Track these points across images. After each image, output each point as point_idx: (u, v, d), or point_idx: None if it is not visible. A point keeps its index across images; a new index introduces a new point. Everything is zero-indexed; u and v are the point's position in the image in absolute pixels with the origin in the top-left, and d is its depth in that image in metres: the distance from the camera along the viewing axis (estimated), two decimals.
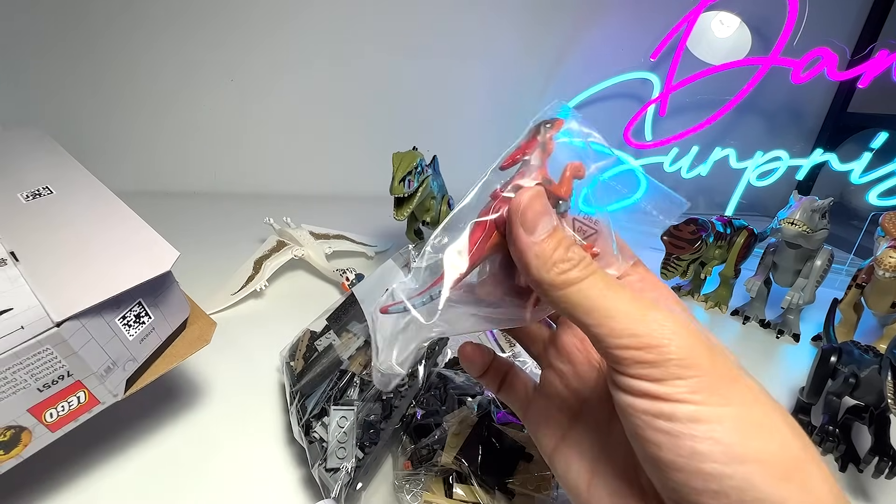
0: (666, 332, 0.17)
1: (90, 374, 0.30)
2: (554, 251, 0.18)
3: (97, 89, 0.96)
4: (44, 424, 0.29)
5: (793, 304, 0.60)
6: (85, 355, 0.29)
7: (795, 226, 0.54)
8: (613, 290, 0.18)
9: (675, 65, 0.94)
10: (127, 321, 0.32)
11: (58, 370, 0.28)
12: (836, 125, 1.10)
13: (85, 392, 0.30)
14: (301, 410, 0.38)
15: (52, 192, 0.38)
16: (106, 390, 0.31)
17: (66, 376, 0.29)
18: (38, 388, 0.28)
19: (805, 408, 0.44)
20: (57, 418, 0.29)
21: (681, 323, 0.17)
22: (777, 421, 0.16)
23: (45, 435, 0.29)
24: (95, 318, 0.30)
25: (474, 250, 0.20)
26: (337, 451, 0.35)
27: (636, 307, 0.17)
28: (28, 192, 0.38)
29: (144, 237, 0.35)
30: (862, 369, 0.39)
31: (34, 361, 0.27)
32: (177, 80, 0.98)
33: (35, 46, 0.91)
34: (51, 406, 0.29)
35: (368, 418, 0.37)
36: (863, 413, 0.41)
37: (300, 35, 0.97)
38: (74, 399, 0.30)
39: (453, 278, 0.20)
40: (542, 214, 0.19)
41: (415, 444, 0.36)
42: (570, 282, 0.18)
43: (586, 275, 0.18)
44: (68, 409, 0.30)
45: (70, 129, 0.98)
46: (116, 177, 1.06)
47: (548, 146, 0.21)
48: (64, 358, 0.28)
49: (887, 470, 0.36)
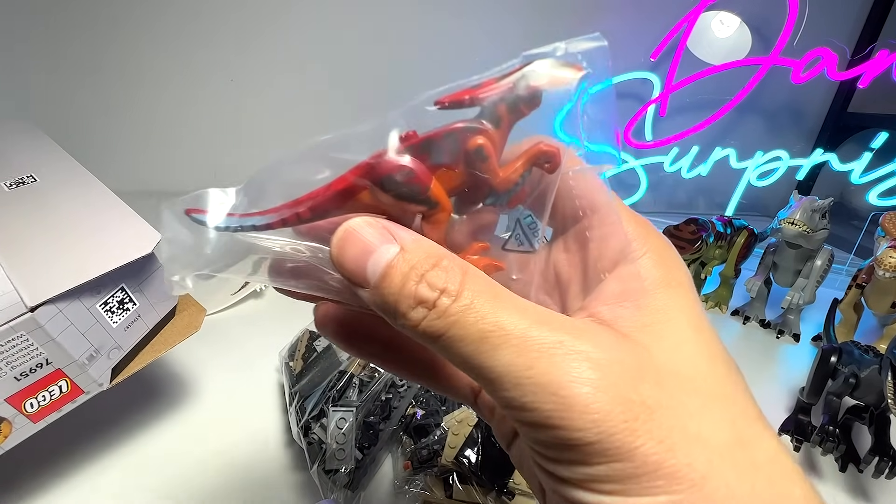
0: (580, 391, 0.12)
1: (71, 362, 0.29)
2: (399, 294, 0.13)
3: (97, 89, 0.96)
4: (24, 415, 0.28)
5: (793, 304, 0.60)
6: (64, 342, 0.28)
7: (796, 226, 0.54)
8: (493, 336, 0.12)
9: (676, 65, 0.94)
10: (110, 307, 0.31)
11: (35, 358, 0.27)
12: (837, 125, 1.10)
13: (67, 381, 0.29)
14: (300, 411, 0.38)
15: (35, 179, 0.37)
16: (90, 379, 0.30)
17: (45, 364, 0.28)
18: (14, 376, 0.27)
19: (805, 408, 0.44)
20: (38, 408, 0.28)
21: (616, 365, 0.12)
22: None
23: (26, 426, 0.28)
24: (74, 304, 0.29)
25: (324, 197, 0.14)
26: (336, 453, 0.35)
27: (530, 356, 0.12)
28: (12, 181, 0.37)
29: (128, 223, 0.34)
30: (862, 369, 0.39)
31: (9, 349, 0.26)
32: (177, 79, 0.98)
33: (35, 46, 0.91)
34: (30, 395, 0.28)
35: (367, 419, 0.37)
36: (863, 413, 0.41)
37: (300, 35, 0.97)
38: (56, 388, 0.29)
39: (283, 217, 0.15)
40: (365, 254, 0.13)
41: (415, 445, 0.36)
42: (434, 333, 0.13)
43: (449, 321, 0.13)
44: (50, 398, 0.29)
45: (70, 129, 0.98)
46: (116, 176, 1.06)
47: (532, 98, 0.13)
48: (41, 345, 0.27)
49: (887, 470, 0.36)
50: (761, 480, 0.12)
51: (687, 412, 0.12)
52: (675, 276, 0.15)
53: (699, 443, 0.12)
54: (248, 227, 0.15)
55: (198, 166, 1.06)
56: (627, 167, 1.06)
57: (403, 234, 0.14)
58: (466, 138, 0.14)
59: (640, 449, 0.11)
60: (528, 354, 0.12)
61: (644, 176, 1.06)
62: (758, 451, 0.12)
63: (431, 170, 0.14)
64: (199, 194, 0.15)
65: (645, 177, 1.06)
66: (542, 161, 0.14)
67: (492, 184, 0.14)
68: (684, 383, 0.13)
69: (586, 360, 0.12)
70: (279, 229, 0.15)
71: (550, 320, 0.13)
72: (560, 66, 0.13)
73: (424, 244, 0.14)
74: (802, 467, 0.41)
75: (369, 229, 0.14)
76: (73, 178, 0.39)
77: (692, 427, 0.12)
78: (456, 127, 0.14)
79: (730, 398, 0.13)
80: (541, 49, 0.14)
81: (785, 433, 0.42)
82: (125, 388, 0.33)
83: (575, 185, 0.16)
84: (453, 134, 0.14)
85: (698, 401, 0.13)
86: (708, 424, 0.12)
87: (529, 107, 0.14)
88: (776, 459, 0.13)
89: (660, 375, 0.13)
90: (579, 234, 0.16)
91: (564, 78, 0.13)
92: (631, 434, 0.12)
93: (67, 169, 0.40)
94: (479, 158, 0.14)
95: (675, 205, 1.19)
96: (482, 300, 0.13)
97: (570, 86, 0.13)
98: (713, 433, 0.12)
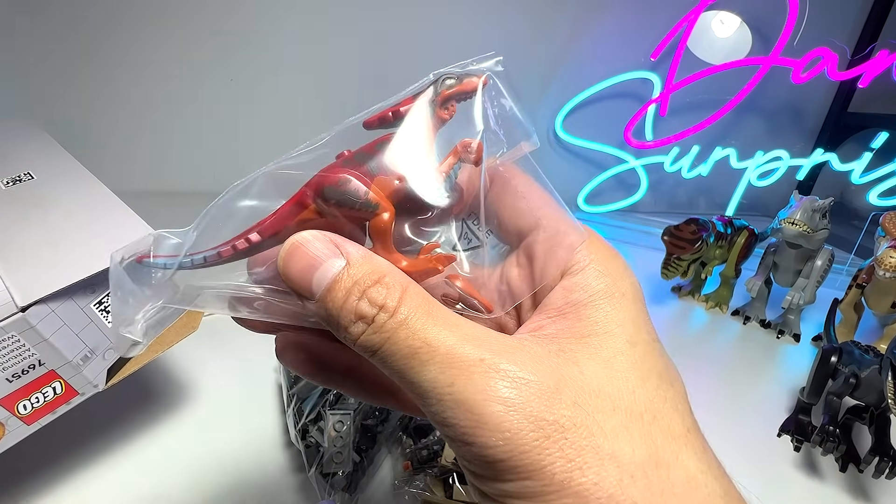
0: (494, 409, 0.12)
1: (65, 363, 0.28)
2: (341, 308, 0.13)
3: (97, 89, 0.96)
4: (17, 417, 0.28)
5: (793, 304, 0.60)
6: (57, 343, 0.28)
7: (796, 226, 0.54)
8: (421, 352, 0.13)
9: (676, 64, 0.94)
10: (105, 307, 0.30)
11: (27, 359, 0.27)
12: (837, 125, 1.10)
13: (61, 382, 0.29)
14: (297, 414, 0.38)
15: (32, 177, 0.37)
16: (85, 380, 0.29)
17: (38, 365, 0.27)
18: (6, 378, 0.26)
19: (805, 408, 0.44)
20: (31, 410, 0.28)
21: (533, 386, 0.12)
22: None
23: (20, 428, 0.28)
24: (67, 303, 0.28)
25: (273, 219, 0.15)
26: (334, 456, 0.34)
27: (452, 373, 0.12)
28: (8, 179, 0.36)
29: (125, 221, 0.33)
30: (862, 369, 0.39)
31: (1, 350, 0.26)
32: (177, 79, 0.98)
33: (35, 46, 0.91)
34: (23, 397, 0.27)
35: (365, 422, 0.37)
36: (863, 413, 0.41)
37: (301, 35, 0.97)
38: (50, 390, 0.28)
39: (234, 244, 0.15)
40: (311, 268, 0.14)
41: (415, 445, 0.36)
42: (371, 348, 0.13)
43: (384, 336, 0.13)
44: (43, 400, 0.28)
45: (71, 129, 0.98)
46: (117, 176, 1.06)
47: (448, 108, 0.15)
48: (33, 346, 0.27)
49: (888, 470, 0.36)
50: (672, 502, 0.12)
51: (602, 431, 0.12)
52: (619, 287, 0.15)
53: (612, 462, 0.12)
54: (198, 263, 0.15)
55: (198, 166, 1.06)
56: (628, 167, 1.06)
57: (350, 249, 0.14)
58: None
59: (549, 468, 0.12)
60: (450, 371, 0.12)
61: (644, 176, 1.06)
62: (675, 472, 0.12)
63: (369, 177, 0.15)
64: (145, 238, 0.16)
65: (645, 177, 1.06)
66: (467, 154, 0.15)
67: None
68: (605, 401, 0.13)
69: (504, 379, 0.12)
70: (231, 261, 0.16)
71: (478, 337, 0.13)
72: (466, 77, 0.15)
73: (371, 259, 0.14)
74: (803, 467, 0.41)
75: (317, 243, 0.14)
76: (70, 176, 0.38)
77: (606, 446, 0.12)
78: (384, 137, 0.15)
79: (656, 416, 0.13)
80: (448, 67, 0.16)
81: (785, 433, 0.42)
82: (121, 389, 0.32)
83: (523, 200, 0.16)
84: (384, 144, 0.15)
85: (617, 419, 0.13)
86: (624, 443, 0.12)
87: (447, 113, 0.15)
88: (693, 481, 0.13)
89: (580, 394, 0.13)
90: (528, 249, 0.16)
91: (471, 83, 0.15)
92: (541, 452, 0.12)
93: (65, 167, 0.40)
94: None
95: (675, 205, 1.19)
96: (416, 316, 0.13)
97: (476, 90, 0.15)
98: (628, 452, 0.12)
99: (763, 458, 0.42)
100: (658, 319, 0.66)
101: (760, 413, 0.48)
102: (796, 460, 0.42)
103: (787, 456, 0.43)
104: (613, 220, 1.06)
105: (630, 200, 1.07)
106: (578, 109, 1.06)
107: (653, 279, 0.72)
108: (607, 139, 1.07)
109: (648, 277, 0.76)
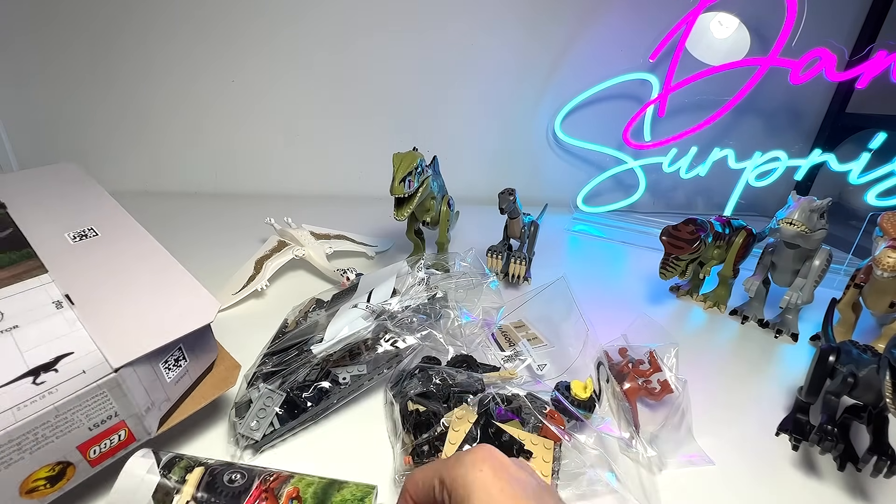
0: None
1: (133, 413, 0.32)
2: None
3: (99, 90, 0.96)
4: (87, 460, 0.30)
5: (791, 303, 0.60)
6: (132, 397, 0.31)
7: (794, 226, 0.54)
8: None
9: (674, 65, 0.94)
10: (167, 365, 0.34)
11: (107, 410, 0.30)
12: (835, 125, 1.11)
13: (125, 430, 0.32)
14: (261, 364, 0.44)
15: (97, 234, 0.41)
16: (143, 429, 0.33)
17: (114, 416, 0.31)
18: (88, 427, 0.30)
19: (804, 407, 0.44)
20: (99, 454, 0.31)
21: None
22: None
23: (85, 469, 0.31)
24: (145, 364, 0.32)
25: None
26: (251, 423, 0.38)
27: None
28: (74, 233, 0.41)
29: (186, 284, 0.38)
30: (860, 369, 0.39)
31: (91, 403, 0.29)
32: (178, 81, 0.98)
33: (41, 49, 0.91)
34: (96, 443, 0.30)
35: (295, 392, 0.41)
36: (861, 412, 0.41)
37: (301, 36, 0.97)
38: (116, 437, 0.31)
39: None
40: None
41: (415, 440, 0.36)
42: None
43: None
44: (109, 445, 0.31)
45: (73, 129, 0.98)
46: (118, 176, 1.06)
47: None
48: (115, 400, 0.30)
49: (886, 469, 0.36)
50: None
51: None
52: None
53: None
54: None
55: (198, 167, 1.06)
56: (626, 167, 1.06)
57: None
58: None
59: None
60: None
61: (643, 176, 1.06)
62: None
63: None
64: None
65: (644, 177, 1.06)
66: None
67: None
68: None
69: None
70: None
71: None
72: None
73: None
74: (801, 466, 0.42)
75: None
76: (128, 233, 0.43)
77: None
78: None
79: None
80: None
81: (783, 432, 0.43)
82: None
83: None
84: None
85: None
86: None
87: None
88: None
89: None
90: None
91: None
92: None
93: (122, 222, 0.45)
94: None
95: (673, 205, 1.19)
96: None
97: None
98: None
99: (761, 458, 0.43)
100: (656, 319, 0.66)
101: (758, 412, 0.48)
102: (794, 459, 0.43)
103: (785, 455, 0.43)
104: (612, 220, 1.06)
105: (628, 201, 1.08)
106: (577, 110, 1.07)
107: (651, 279, 0.73)
108: (606, 140, 1.07)
109: (647, 277, 0.76)
